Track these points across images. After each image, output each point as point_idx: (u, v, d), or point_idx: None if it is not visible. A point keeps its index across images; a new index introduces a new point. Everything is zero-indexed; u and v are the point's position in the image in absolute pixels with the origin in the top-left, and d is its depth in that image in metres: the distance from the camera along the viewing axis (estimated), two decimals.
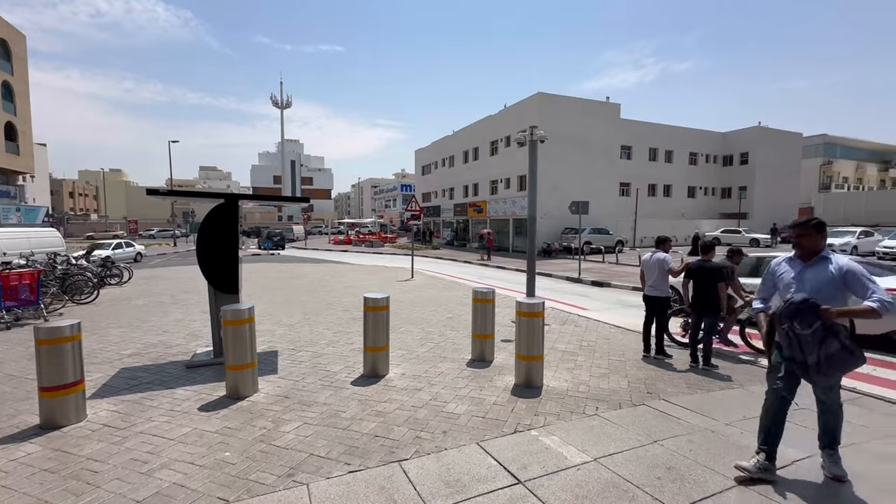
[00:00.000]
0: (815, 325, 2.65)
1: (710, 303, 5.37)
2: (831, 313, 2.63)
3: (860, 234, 22.71)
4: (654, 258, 5.93)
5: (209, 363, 5.38)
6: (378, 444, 3.43)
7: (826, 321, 2.64)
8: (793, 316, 2.72)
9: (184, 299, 10.36)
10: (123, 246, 20.61)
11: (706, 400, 4.40)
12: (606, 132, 29.79)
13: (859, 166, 63.43)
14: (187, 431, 3.63)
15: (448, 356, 5.85)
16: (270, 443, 3.44)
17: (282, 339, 6.73)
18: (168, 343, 6.48)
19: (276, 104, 79.87)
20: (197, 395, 4.44)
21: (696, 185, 39.02)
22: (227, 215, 5.49)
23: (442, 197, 41.09)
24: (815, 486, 2.90)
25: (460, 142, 37.07)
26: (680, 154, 37.64)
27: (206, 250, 5.38)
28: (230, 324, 4.28)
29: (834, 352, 2.62)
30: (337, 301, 10.06)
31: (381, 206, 79.61)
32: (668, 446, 3.43)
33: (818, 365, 2.66)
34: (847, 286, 2.75)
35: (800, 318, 2.69)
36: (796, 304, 2.72)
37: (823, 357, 2.63)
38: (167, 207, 56.63)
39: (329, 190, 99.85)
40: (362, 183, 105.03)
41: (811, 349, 2.67)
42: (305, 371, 5.20)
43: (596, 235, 26.02)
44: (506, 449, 3.36)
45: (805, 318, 2.68)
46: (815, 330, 2.65)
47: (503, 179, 30.94)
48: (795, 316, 2.71)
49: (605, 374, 5.19)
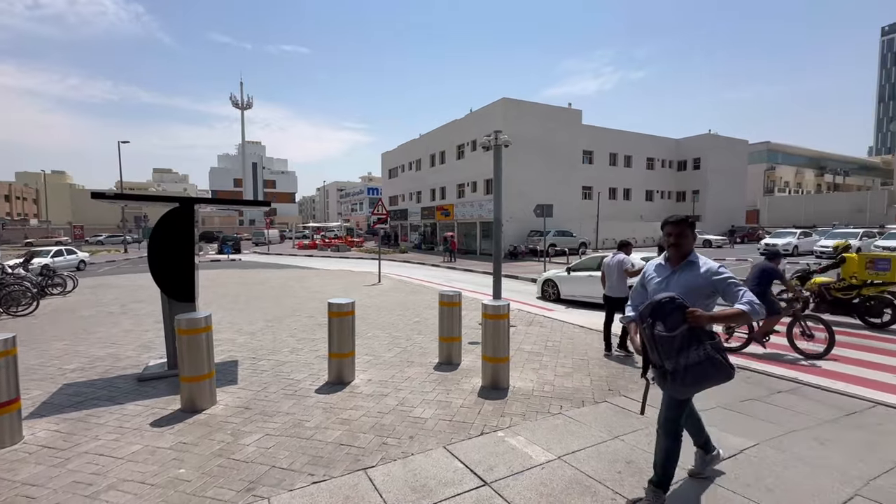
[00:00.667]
0: (679, 328, 2.34)
1: None
2: (700, 317, 2.31)
3: (800, 235, 24.43)
4: (615, 260, 6.19)
5: (163, 375, 5.10)
6: (343, 453, 3.36)
7: (693, 325, 2.33)
8: (655, 315, 2.41)
9: (135, 309, 9.80)
10: (64, 253, 19.26)
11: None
12: (569, 137, 30.68)
13: (798, 171, 68.31)
14: (138, 449, 3.43)
15: (415, 360, 5.82)
16: (229, 457, 3.30)
17: (242, 347, 6.49)
18: (117, 356, 6.10)
19: (236, 105, 77.33)
20: (149, 409, 4.21)
21: (653, 189, 40.81)
22: (183, 220, 5.24)
23: (409, 200, 40.96)
24: (757, 476, 3.08)
25: (427, 145, 37.13)
26: (638, 159, 39.28)
27: (158, 257, 5.11)
28: (185, 333, 4.09)
29: (696, 361, 2.32)
30: (301, 307, 9.81)
31: (347, 209, 78.45)
32: (628, 441, 3.55)
33: (675, 373, 2.37)
34: (717, 291, 2.46)
35: (663, 319, 2.38)
36: (660, 303, 2.41)
37: (683, 366, 2.34)
38: (117, 212, 53.55)
39: (293, 193, 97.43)
40: (328, 186, 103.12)
41: (670, 355, 2.36)
42: (267, 380, 5.03)
43: (560, 238, 26.69)
44: (472, 451, 3.38)
45: (669, 320, 2.37)
46: (679, 334, 2.34)
47: (470, 183, 31.22)
48: (658, 315, 2.40)
49: (569, 373, 5.31)
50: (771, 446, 3.47)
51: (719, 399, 4.44)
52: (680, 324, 2.34)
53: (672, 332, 2.35)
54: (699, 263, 2.55)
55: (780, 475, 3.05)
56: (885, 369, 5.55)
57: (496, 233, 7.90)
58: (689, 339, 2.34)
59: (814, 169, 70.13)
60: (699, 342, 2.34)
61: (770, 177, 63.69)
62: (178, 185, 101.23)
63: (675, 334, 2.34)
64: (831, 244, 20.89)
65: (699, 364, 2.33)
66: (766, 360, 5.97)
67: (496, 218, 7.87)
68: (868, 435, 3.70)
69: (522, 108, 28.53)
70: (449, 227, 32.13)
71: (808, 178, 69.74)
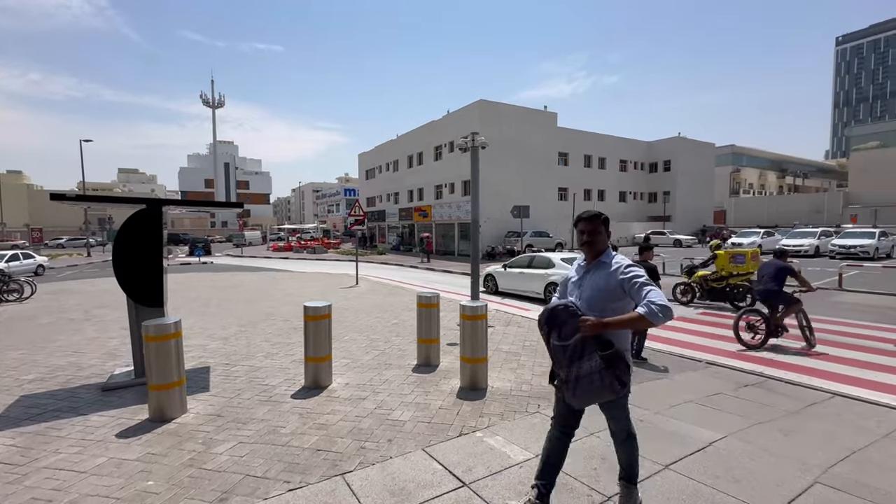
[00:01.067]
0: (573, 337, 2.23)
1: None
2: (592, 325, 2.17)
3: (763, 234, 25.50)
4: None
5: (129, 384, 4.90)
6: (320, 459, 3.30)
7: (586, 334, 2.20)
8: (550, 323, 2.33)
9: (100, 315, 9.38)
10: (21, 257, 18.26)
11: (638, 391, 4.70)
12: (545, 139, 31.13)
13: (762, 174, 71.32)
14: (102, 462, 3.28)
15: (393, 363, 5.79)
16: (201, 466, 3.20)
17: (215, 353, 6.30)
18: (80, 364, 5.83)
19: (207, 103, 75.13)
20: (115, 420, 4.03)
21: (626, 190, 41.87)
22: (150, 222, 5.06)
23: (387, 201, 40.71)
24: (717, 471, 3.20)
25: (404, 146, 37.00)
26: (612, 161, 40.23)
27: (124, 260, 4.91)
28: (153, 340, 3.94)
29: (587, 372, 2.21)
30: (276, 311, 9.61)
31: (323, 211, 77.37)
32: (603, 438, 3.61)
33: (567, 383, 2.28)
34: (626, 291, 2.28)
35: (559, 327, 2.30)
36: (555, 311, 2.33)
37: (574, 376, 2.24)
38: (80, 214, 51.16)
39: (267, 194, 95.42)
40: (303, 187, 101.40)
41: (562, 364, 2.28)
42: (241, 386, 4.90)
43: (537, 238, 27.02)
44: (451, 452, 3.38)
45: (565, 328, 2.27)
46: (572, 343, 2.23)
47: (448, 184, 31.27)
48: (553, 323, 2.32)
49: (546, 372, 5.38)
50: (738, 438, 3.60)
51: (690, 395, 4.59)
52: (574, 332, 2.23)
53: (566, 342, 2.24)
54: (610, 263, 2.40)
55: (746, 466, 3.17)
56: (842, 362, 5.85)
57: (473, 234, 7.94)
58: (581, 348, 2.22)
59: (776, 171, 73.39)
60: (591, 353, 2.21)
61: (735, 179, 66.28)
62: (145, 186, 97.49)
63: (569, 343, 2.24)
64: (792, 243, 21.96)
65: (589, 376, 2.21)
66: (734, 355, 6.21)
67: (473, 219, 7.91)
68: (827, 425, 3.89)
69: (499, 111, 28.79)
70: (427, 228, 32.09)
71: (770, 180, 72.92)
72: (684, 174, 42.11)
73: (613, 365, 2.21)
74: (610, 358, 2.21)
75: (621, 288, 2.29)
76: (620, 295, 2.30)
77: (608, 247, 2.49)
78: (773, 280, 6.52)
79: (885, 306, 9.70)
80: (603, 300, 2.32)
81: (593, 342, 2.22)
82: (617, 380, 2.22)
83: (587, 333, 2.19)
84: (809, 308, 9.33)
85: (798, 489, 2.88)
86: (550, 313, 2.33)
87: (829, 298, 10.70)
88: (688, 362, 5.80)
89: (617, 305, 2.31)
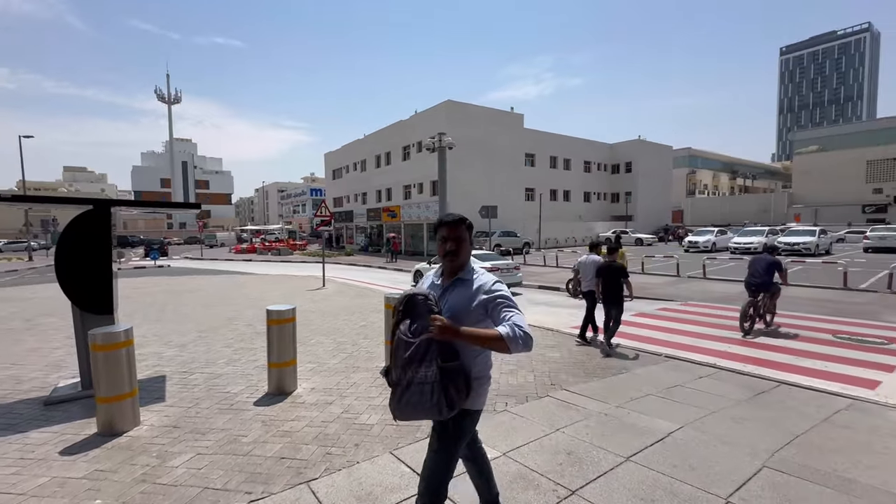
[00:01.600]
0: (422, 335, 1.90)
1: (616, 296, 6.40)
2: (444, 328, 1.82)
3: (717, 233, 26.87)
4: (590, 259, 6.94)
5: (75, 397, 4.59)
6: (284, 467, 3.21)
7: (433, 334, 1.85)
8: (407, 311, 1.98)
9: (42, 324, 8.75)
10: None
11: (601, 386, 4.85)
12: (512, 140, 31.60)
13: (715, 175, 75.15)
14: (44, 482, 3.05)
15: (361, 366, 5.70)
16: (155, 481, 3.03)
17: (171, 361, 6.00)
18: (19, 377, 5.41)
19: (163, 99, 71.66)
20: (58, 436, 3.76)
21: (590, 191, 43.11)
22: (97, 224, 4.76)
23: (354, 202, 40.16)
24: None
25: (372, 146, 36.61)
26: (576, 162, 41.31)
27: (68, 265, 4.60)
28: (101, 349, 3.70)
29: (421, 380, 1.88)
30: (239, 315, 9.27)
31: (289, 211, 75.39)
32: (568, 433, 3.70)
33: (398, 386, 1.95)
34: (489, 312, 1.96)
35: (413, 318, 1.95)
36: (413, 298, 1.98)
37: (406, 382, 1.91)
38: (19, 215, 47.66)
39: (229, 194, 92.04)
40: (267, 187, 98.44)
41: (399, 362, 1.94)
42: (199, 395, 4.70)
43: (505, 238, 27.38)
44: (420, 454, 3.35)
45: (419, 322, 1.93)
46: (419, 342, 1.90)
47: (416, 184, 31.18)
48: (409, 312, 1.97)
49: (513, 370, 5.45)
50: (694, 428, 3.77)
51: (650, 388, 4.76)
52: (423, 331, 1.91)
53: (412, 338, 1.92)
54: (472, 280, 2.04)
55: (701, 454, 3.32)
56: (786, 351, 6.25)
57: None
58: (424, 351, 1.89)
59: (728, 173, 77.56)
60: (432, 359, 1.89)
61: (691, 180, 69.56)
62: (94, 186, 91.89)
63: (414, 341, 1.91)
64: (743, 241, 23.29)
65: (421, 385, 1.88)
66: (689, 348, 6.50)
67: None
68: (773, 412, 4.13)
69: (467, 111, 28.98)
70: (396, 228, 31.88)
71: (723, 182, 76.98)
72: (645, 175, 43.80)
73: (450, 381, 1.89)
74: (449, 372, 1.90)
75: (484, 308, 1.96)
76: (482, 316, 1.97)
77: (469, 260, 2.14)
78: (767, 274, 7.30)
79: (824, 299, 10.44)
80: (462, 323, 1.93)
81: (438, 348, 1.90)
82: (447, 399, 1.89)
83: (435, 336, 1.85)
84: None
85: (748, 474, 3.05)
86: (409, 301, 1.98)
87: None
88: (649, 356, 6.03)
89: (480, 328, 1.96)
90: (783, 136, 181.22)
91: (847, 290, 11.60)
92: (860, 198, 51.04)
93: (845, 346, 6.51)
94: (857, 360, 5.83)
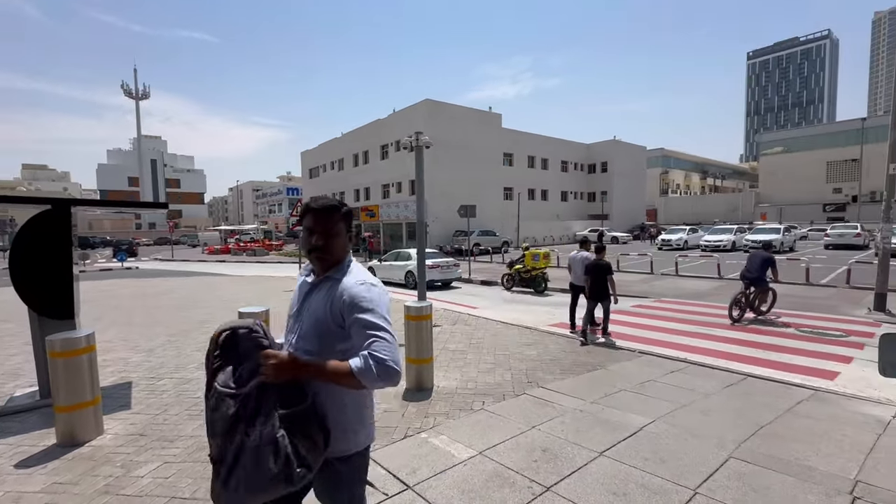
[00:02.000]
0: (250, 383, 1.38)
1: (603, 291, 6.88)
2: (278, 364, 1.36)
3: (689, 231, 27.70)
4: (580, 256, 7.46)
5: (33, 407, 4.37)
6: None
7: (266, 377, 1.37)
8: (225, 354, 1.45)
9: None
10: None
11: (576, 383, 4.92)
12: (490, 140, 31.79)
13: (687, 175, 77.36)
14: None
15: None
16: (119, 493, 2.91)
17: (138, 367, 5.79)
18: None
19: (130, 94, 68.95)
20: (13, 448, 3.57)
21: (567, 190, 43.77)
22: (56, 224, 4.53)
23: None
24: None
25: (349, 144, 36.22)
26: (554, 162, 41.87)
27: (23, 268, 4.36)
28: (60, 356, 3.53)
29: (255, 445, 1.32)
30: (212, 318, 9.01)
31: (264, 211, 73.77)
32: (544, 430, 3.74)
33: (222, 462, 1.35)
34: (348, 327, 1.47)
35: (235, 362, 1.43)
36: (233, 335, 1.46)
37: (234, 453, 1.33)
38: None
39: (201, 194, 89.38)
40: (242, 186, 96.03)
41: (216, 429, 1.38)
42: (168, 402, 4.54)
43: (484, 237, 27.53)
44: (395, 456, 3.33)
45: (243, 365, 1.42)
46: (247, 392, 1.36)
47: (395, 183, 31.02)
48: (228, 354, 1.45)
49: (491, 368, 5.48)
50: (665, 421, 3.87)
51: (623, 383, 4.86)
52: (252, 375, 1.38)
53: (239, 389, 1.37)
54: (341, 279, 1.55)
55: (671, 447, 3.40)
56: (753, 345, 6.48)
57: (419, 234, 7.91)
58: (257, 403, 1.36)
59: (699, 173, 79.99)
60: (268, 413, 1.35)
61: (664, 179, 71.46)
62: (56, 185, 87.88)
63: (239, 393, 1.36)
64: (713, 239, 24.07)
65: (256, 451, 1.32)
66: (661, 343, 6.67)
67: (419, 219, 7.88)
68: (739, 403, 4.28)
69: (445, 110, 28.99)
70: (375, 228, 31.64)
71: (694, 181, 79.35)
72: (620, 175, 44.76)
73: (298, 431, 1.38)
74: (296, 420, 1.38)
75: (340, 318, 1.49)
76: (341, 334, 1.50)
77: (347, 257, 1.64)
78: (760, 269, 7.90)
79: (788, 294, 10.87)
80: (320, 338, 1.51)
81: (276, 393, 1.37)
82: (298, 460, 1.35)
83: (269, 378, 1.35)
84: (726, 298, 10.18)
85: (715, 465, 3.14)
86: (228, 340, 1.46)
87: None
88: (623, 353, 6.15)
89: (343, 348, 1.49)
90: (750, 137, 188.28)
91: (809, 285, 12.15)
92: (821, 197, 53.49)
93: (807, 339, 6.81)
94: (819, 352, 6.11)
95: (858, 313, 8.60)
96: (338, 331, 1.50)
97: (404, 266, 14.32)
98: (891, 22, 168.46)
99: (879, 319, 8.06)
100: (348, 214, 1.66)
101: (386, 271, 15.03)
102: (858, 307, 9.10)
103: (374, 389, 1.46)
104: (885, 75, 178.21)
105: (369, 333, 1.42)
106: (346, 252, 1.65)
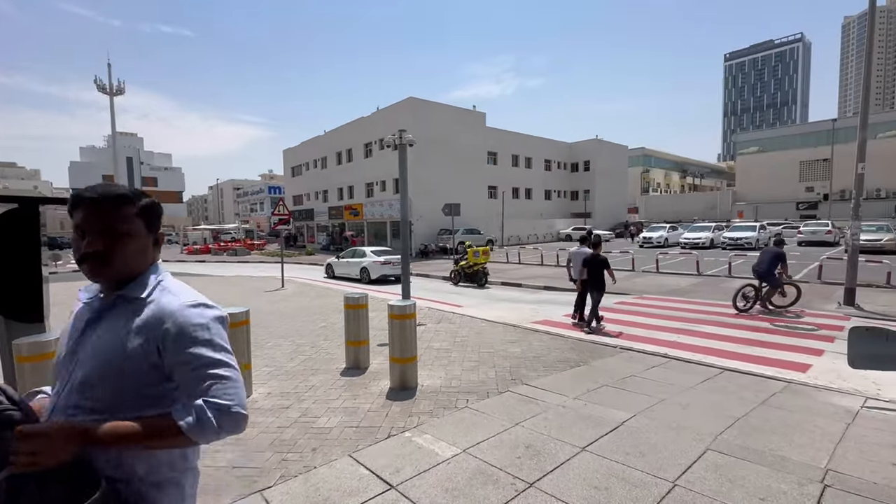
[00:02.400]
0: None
1: (600, 283, 7.49)
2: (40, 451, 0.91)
3: (669, 229, 28.26)
4: (580, 251, 7.96)
5: None
6: (235, 476, 3.07)
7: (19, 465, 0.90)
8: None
9: None
10: None
11: (559, 379, 4.96)
12: (474, 138, 31.83)
13: (667, 174, 78.91)
14: None
15: (321, 368, 5.56)
16: None
17: None
18: None
19: (104, 89, 66.79)
20: None
21: (551, 189, 44.14)
22: (23, 224, 4.36)
23: (315, 199, 39.18)
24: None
25: (333, 142, 35.84)
26: (537, 161, 42.16)
27: None
28: (28, 360, 3.41)
29: None
30: None
31: (246, 210, 72.54)
32: (527, 426, 3.76)
33: None
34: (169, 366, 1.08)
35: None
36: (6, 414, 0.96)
37: None
38: None
39: (180, 192, 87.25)
40: (222, 184, 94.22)
41: None
42: None
43: (469, 235, 27.56)
44: (379, 456, 3.31)
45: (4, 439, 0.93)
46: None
47: (379, 182, 30.83)
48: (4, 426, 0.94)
49: (475, 366, 5.49)
50: (645, 416, 3.93)
51: (605, 379, 4.92)
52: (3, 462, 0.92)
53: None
54: (144, 301, 1.13)
55: (651, 441, 3.46)
56: (730, 340, 6.65)
57: (403, 232, 7.87)
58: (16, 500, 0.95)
59: (679, 172, 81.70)
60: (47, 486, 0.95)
61: (645, 178, 72.76)
62: (26, 183, 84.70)
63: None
64: (692, 236, 24.60)
65: None
66: (642, 339, 6.79)
67: (403, 217, 7.84)
68: (716, 397, 4.38)
69: (429, 109, 28.91)
70: (358, 226, 31.41)
71: (674, 180, 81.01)
72: (602, 174, 45.36)
73: None
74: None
75: (156, 358, 1.08)
76: (154, 375, 1.09)
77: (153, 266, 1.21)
78: (769, 264, 8.22)
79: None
80: (114, 386, 1.06)
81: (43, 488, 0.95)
82: None
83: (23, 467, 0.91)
84: (704, 294, 10.51)
85: (693, 457, 3.21)
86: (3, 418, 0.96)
87: (720, 284, 12.12)
88: (605, 349, 6.24)
89: (153, 393, 1.09)
90: (728, 136, 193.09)
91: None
92: (795, 196, 55.18)
93: (781, 332, 7.02)
94: (792, 345, 6.30)
95: (829, 307, 8.90)
96: (148, 371, 1.07)
97: (360, 262, 15.97)
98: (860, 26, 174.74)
99: (849, 313, 8.35)
100: (149, 209, 1.17)
101: (344, 267, 16.75)
102: (829, 301, 9.41)
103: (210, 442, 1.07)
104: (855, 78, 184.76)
105: (208, 374, 1.06)
106: (145, 261, 1.19)
